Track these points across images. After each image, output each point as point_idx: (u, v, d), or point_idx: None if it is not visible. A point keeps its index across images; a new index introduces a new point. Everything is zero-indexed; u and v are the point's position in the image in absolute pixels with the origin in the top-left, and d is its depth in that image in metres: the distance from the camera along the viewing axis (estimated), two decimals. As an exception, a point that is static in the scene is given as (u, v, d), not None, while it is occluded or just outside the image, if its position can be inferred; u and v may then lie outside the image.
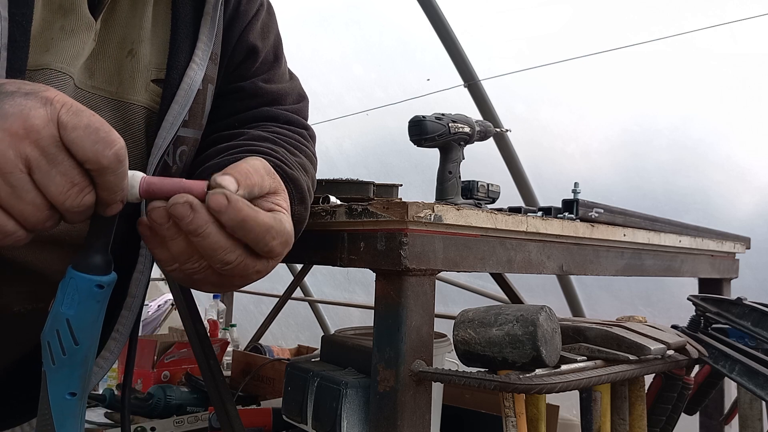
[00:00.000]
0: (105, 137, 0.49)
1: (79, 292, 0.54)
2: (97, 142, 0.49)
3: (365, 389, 0.91)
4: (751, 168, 2.30)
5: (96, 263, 0.54)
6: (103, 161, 0.49)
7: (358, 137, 3.54)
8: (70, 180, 0.49)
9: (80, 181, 0.50)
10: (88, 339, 0.55)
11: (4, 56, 0.59)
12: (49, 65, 0.65)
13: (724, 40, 2.12)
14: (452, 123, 1.23)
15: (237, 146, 0.78)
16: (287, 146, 0.82)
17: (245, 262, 0.56)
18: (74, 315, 0.54)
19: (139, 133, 0.75)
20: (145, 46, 0.74)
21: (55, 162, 0.49)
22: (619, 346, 0.96)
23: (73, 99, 0.51)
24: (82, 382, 0.56)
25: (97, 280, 0.54)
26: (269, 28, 0.90)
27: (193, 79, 0.75)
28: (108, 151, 0.49)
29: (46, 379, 0.56)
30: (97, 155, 0.49)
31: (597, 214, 1.14)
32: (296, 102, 0.93)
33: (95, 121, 0.50)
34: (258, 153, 0.74)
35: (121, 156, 0.50)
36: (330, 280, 4.17)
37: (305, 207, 0.75)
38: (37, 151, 0.48)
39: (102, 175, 0.50)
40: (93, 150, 0.49)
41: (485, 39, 2.73)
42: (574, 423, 2.12)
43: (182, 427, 1.74)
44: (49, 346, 0.55)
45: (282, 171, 0.72)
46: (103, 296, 0.55)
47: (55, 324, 0.54)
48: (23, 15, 0.61)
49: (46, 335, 0.55)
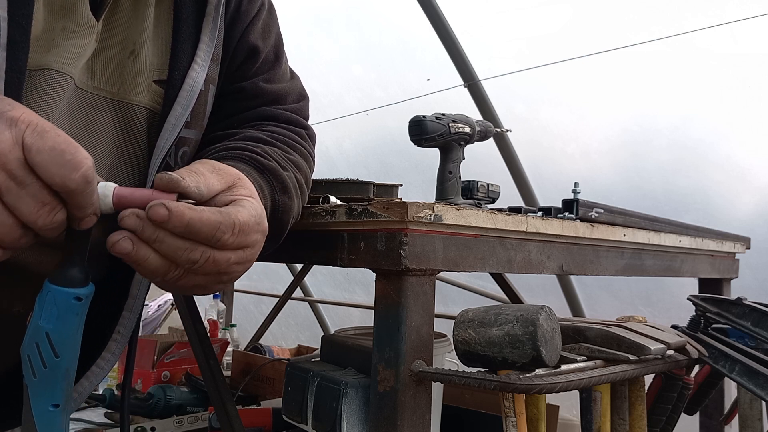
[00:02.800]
0: (71, 159, 0.49)
1: (57, 306, 0.54)
2: (63, 165, 0.49)
3: (365, 389, 0.91)
4: (751, 168, 2.30)
5: (73, 276, 0.54)
6: (70, 184, 0.49)
7: (358, 137, 3.54)
8: (40, 200, 0.50)
9: (50, 201, 0.50)
10: (69, 351, 0.55)
11: (3, 56, 0.59)
12: (49, 66, 0.65)
13: (724, 40, 2.12)
14: (452, 123, 1.23)
15: (223, 148, 0.78)
16: (281, 144, 0.82)
17: (214, 257, 0.57)
18: (53, 328, 0.54)
19: (141, 134, 0.75)
20: (147, 47, 0.74)
21: (24, 184, 0.49)
22: (619, 346, 0.96)
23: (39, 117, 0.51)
24: (65, 393, 0.56)
25: (75, 293, 0.54)
26: (270, 27, 0.90)
27: (195, 80, 0.75)
28: (74, 174, 0.49)
29: (28, 392, 0.56)
30: (63, 179, 0.49)
31: (597, 214, 1.14)
32: (296, 101, 0.92)
33: (60, 143, 0.49)
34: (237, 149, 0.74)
35: (89, 177, 0.50)
36: (330, 280, 4.17)
37: (289, 196, 0.75)
38: (3, 174, 0.48)
39: (70, 196, 0.50)
40: (59, 174, 0.49)
41: (485, 39, 2.72)
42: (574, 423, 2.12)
43: (182, 427, 1.74)
44: (29, 360, 0.55)
45: (257, 164, 0.72)
46: (81, 308, 0.55)
47: (35, 338, 0.54)
48: (23, 15, 0.61)
49: (26, 349, 0.55)
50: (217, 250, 0.57)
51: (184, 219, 0.53)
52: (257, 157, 0.73)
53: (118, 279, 0.78)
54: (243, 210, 0.59)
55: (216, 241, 0.56)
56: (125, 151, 0.74)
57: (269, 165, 0.73)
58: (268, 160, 0.74)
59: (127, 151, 0.74)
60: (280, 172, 0.74)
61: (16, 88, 0.61)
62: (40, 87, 0.65)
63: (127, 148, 0.74)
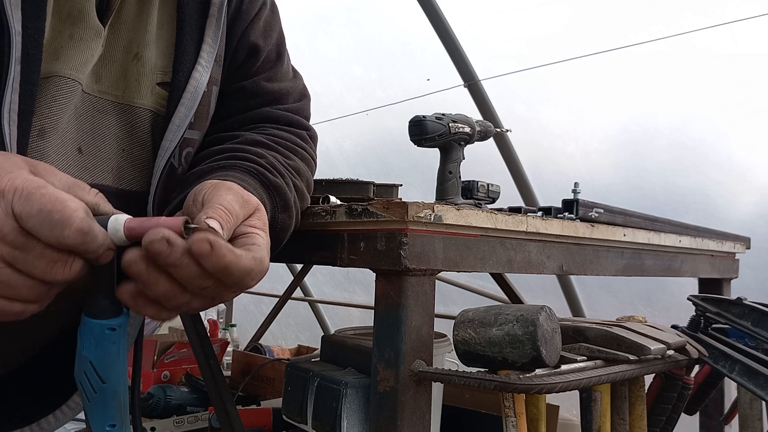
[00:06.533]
0: (60, 219, 0.49)
1: (94, 337, 0.56)
2: (54, 226, 0.49)
3: (365, 389, 0.91)
4: (751, 168, 2.30)
5: (104, 308, 0.55)
6: (67, 242, 0.49)
7: (358, 137, 3.54)
8: (50, 259, 0.50)
9: (59, 257, 0.50)
10: (114, 376, 0.57)
11: (18, 70, 0.60)
12: (58, 72, 0.66)
13: (724, 40, 2.12)
14: (452, 123, 1.23)
15: (226, 150, 0.78)
16: (282, 149, 0.82)
17: (219, 289, 0.56)
18: (95, 357, 0.56)
19: (146, 136, 0.75)
20: (151, 50, 0.74)
21: (28, 249, 0.49)
22: (619, 346, 0.96)
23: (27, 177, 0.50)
24: (119, 412, 0.59)
25: (108, 324, 0.56)
26: (272, 26, 0.89)
27: (199, 82, 0.75)
28: (67, 231, 0.49)
29: (87, 415, 0.59)
30: (58, 239, 0.49)
31: (597, 214, 1.14)
32: (298, 100, 0.92)
33: (47, 203, 0.49)
34: (244, 160, 0.74)
35: (84, 228, 0.50)
36: (330, 280, 4.17)
37: (289, 215, 0.75)
38: (6, 246, 0.49)
39: (74, 248, 0.50)
40: (53, 236, 0.49)
41: (485, 39, 2.72)
42: (574, 423, 2.12)
43: (182, 427, 1.75)
44: (81, 386, 0.57)
45: (264, 179, 0.72)
46: (117, 337, 0.56)
47: (82, 366, 0.57)
48: (35, 28, 0.61)
49: (78, 376, 0.57)
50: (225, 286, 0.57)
51: (223, 260, 0.52)
52: (265, 172, 0.73)
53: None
54: (263, 251, 0.58)
55: (242, 285, 0.56)
56: (130, 153, 0.75)
57: (275, 182, 0.73)
58: (275, 176, 0.74)
59: (132, 153, 0.75)
60: (285, 191, 0.74)
61: (29, 99, 0.62)
62: (49, 94, 0.65)
63: (133, 150, 0.75)
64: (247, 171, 0.73)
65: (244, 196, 0.62)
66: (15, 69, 0.59)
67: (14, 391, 0.81)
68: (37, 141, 0.65)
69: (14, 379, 0.81)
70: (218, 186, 0.61)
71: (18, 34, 0.59)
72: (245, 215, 0.61)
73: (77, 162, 0.70)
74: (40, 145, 0.66)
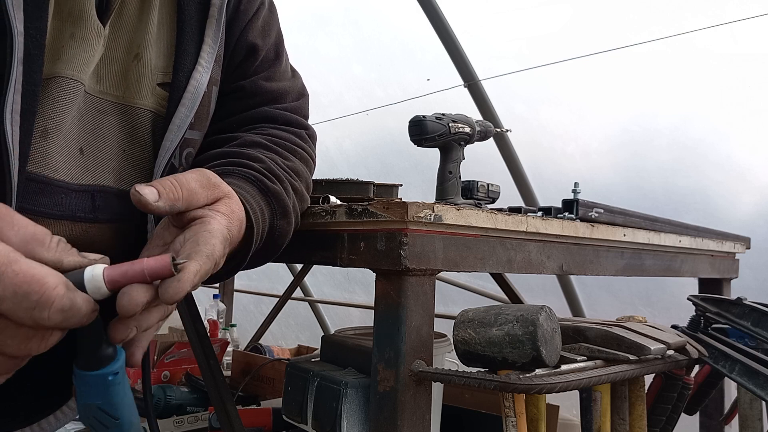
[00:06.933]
0: (38, 300, 0.44)
1: (98, 386, 0.54)
2: (32, 308, 0.45)
3: (365, 389, 0.91)
4: (751, 168, 2.30)
5: (101, 357, 0.53)
6: (47, 324, 0.46)
7: (358, 137, 3.54)
8: (24, 337, 0.46)
9: (34, 334, 0.47)
10: (126, 410, 0.56)
11: (20, 70, 0.60)
12: (60, 73, 0.66)
13: (724, 40, 2.12)
14: (452, 123, 1.23)
15: (224, 155, 0.78)
16: (281, 150, 0.82)
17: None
18: (102, 402, 0.54)
19: (146, 136, 0.75)
20: (151, 50, 0.74)
21: (1, 330, 0.46)
22: (619, 346, 0.96)
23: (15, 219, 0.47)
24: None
25: (110, 371, 0.53)
26: (270, 26, 0.90)
27: (200, 82, 0.75)
28: (46, 313, 0.45)
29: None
30: (37, 321, 0.45)
31: (597, 214, 1.14)
32: (296, 99, 0.93)
33: (21, 284, 0.44)
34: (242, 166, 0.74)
35: (65, 307, 0.46)
36: (330, 280, 4.17)
37: (288, 221, 0.75)
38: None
39: (55, 327, 0.47)
40: (31, 318, 0.45)
41: (485, 39, 2.73)
42: (574, 423, 2.12)
43: (182, 427, 1.75)
44: (93, 426, 0.56)
45: (262, 185, 0.72)
46: (120, 378, 0.55)
47: (89, 413, 0.55)
48: (37, 29, 0.61)
49: (87, 421, 0.56)
50: None
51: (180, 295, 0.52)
52: (263, 179, 0.73)
53: None
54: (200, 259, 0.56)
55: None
56: (131, 154, 0.75)
57: (273, 188, 0.73)
58: (273, 183, 0.74)
59: (133, 153, 0.75)
60: (283, 196, 0.74)
61: (31, 99, 0.62)
62: (51, 95, 0.65)
63: (133, 151, 0.75)
64: (244, 177, 0.73)
65: (211, 179, 0.62)
66: (17, 69, 0.59)
67: (19, 390, 0.81)
68: (40, 142, 0.65)
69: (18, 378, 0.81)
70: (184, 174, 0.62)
71: (20, 35, 0.59)
72: (209, 198, 0.61)
73: (79, 163, 0.70)
74: (43, 145, 0.66)
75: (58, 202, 0.68)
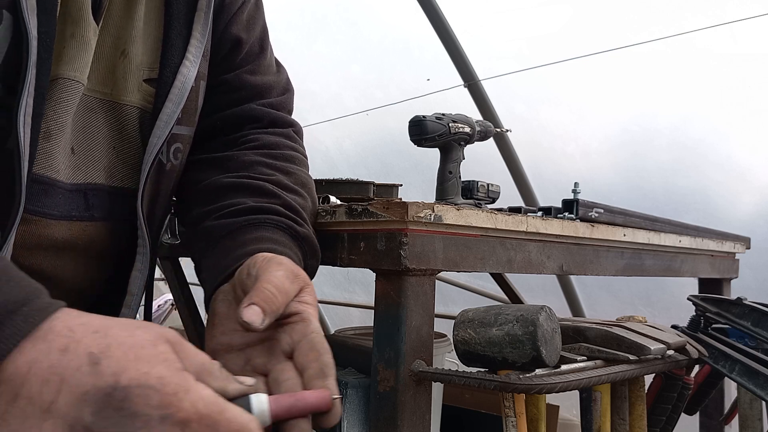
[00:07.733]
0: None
1: None
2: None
3: (365, 389, 0.91)
4: (751, 168, 2.30)
5: None
6: None
7: (358, 137, 3.54)
8: None
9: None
10: None
11: (33, 74, 0.60)
12: (62, 75, 0.66)
13: (724, 40, 2.12)
14: (452, 123, 1.23)
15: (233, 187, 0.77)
16: (280, 163, 0.82)
17: None
18: None
19: (134, 132, 0.75)
20: (137, 46, 0.74)
21: None
22: (619, 346, 0.96)
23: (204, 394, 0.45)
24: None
25: None
26: (255, 19, 0.89)
27: (187, 77, 0.75)
28: None
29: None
30: None
31: (597, 214, 1.14)
32: (281, 94, 0.92)
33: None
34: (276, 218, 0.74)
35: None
36: (330, 280, 4.17)
37: (317, 258, 0.77)
38: None
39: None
40: None
41: (485, 39, 2.72)
42: (574, 423, 2.13)
43: (182, 427, 1.74)
44: None
45: (293, 232, 0.73)
46: None
47: None
48: (47, 32, 0.62)
49: None
50: None
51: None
52: (293, 225, 0.74)
53: (119, 277, 0.78)
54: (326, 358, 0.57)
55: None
56: (121, 151, 0.75)
57: (303, 232, 0.74)
58: (302, 226, 0.75)
59: (122, 150, 0.75)
60: (312, 239, 0.76)
61: (40, 102, 0.62)
62: (54, 96, 0.66)
63: (123, 147, 0.75)
64: (276, 227, 0.73)
65: (294, 270, 0.62)
66: (31, 73, 0.60)
67: None
68: (43, 143, 0.66)
69: None
70: (270, 261, 0.62)
71: (34, 39, 0.60)
72: (296, 290, 0.61)
73: (71, 162, 0.70)
74: (46, 147, 0.66)
75: (57, 202, 0.68)
